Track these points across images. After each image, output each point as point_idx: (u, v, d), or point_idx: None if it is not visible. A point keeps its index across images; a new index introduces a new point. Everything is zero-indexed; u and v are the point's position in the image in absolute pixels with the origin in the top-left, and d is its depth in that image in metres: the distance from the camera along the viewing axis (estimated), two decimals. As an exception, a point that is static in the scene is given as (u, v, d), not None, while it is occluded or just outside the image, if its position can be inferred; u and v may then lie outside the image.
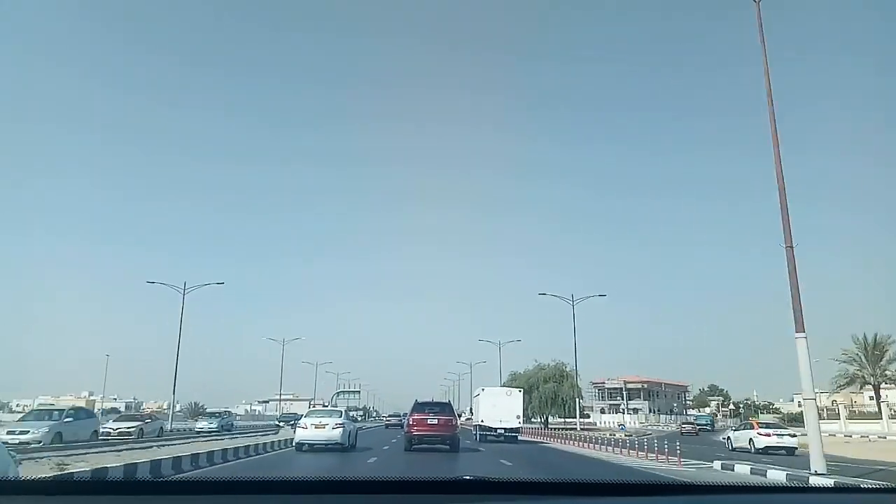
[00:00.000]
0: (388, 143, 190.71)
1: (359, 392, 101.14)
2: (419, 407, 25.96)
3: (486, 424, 34.07)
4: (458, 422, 27.76)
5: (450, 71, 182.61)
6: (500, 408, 34.17)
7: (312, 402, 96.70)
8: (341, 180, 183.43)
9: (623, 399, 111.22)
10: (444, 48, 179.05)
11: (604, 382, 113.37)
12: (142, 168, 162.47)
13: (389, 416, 74.60)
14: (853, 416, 57.69)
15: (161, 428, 36.06)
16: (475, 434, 35.97)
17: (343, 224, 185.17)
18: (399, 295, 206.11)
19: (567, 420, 70.08)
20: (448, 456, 22.52)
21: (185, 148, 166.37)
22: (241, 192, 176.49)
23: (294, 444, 24.26)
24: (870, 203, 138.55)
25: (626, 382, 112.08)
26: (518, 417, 34.61)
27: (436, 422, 24.58)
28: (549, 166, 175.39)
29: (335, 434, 23.29)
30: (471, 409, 59.24)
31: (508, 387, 46.36)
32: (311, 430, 23.70)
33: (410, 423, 25.18)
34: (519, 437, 35.18)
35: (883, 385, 58.61)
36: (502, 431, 33.95)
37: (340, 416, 25.37)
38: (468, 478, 2.53)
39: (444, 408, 26.87)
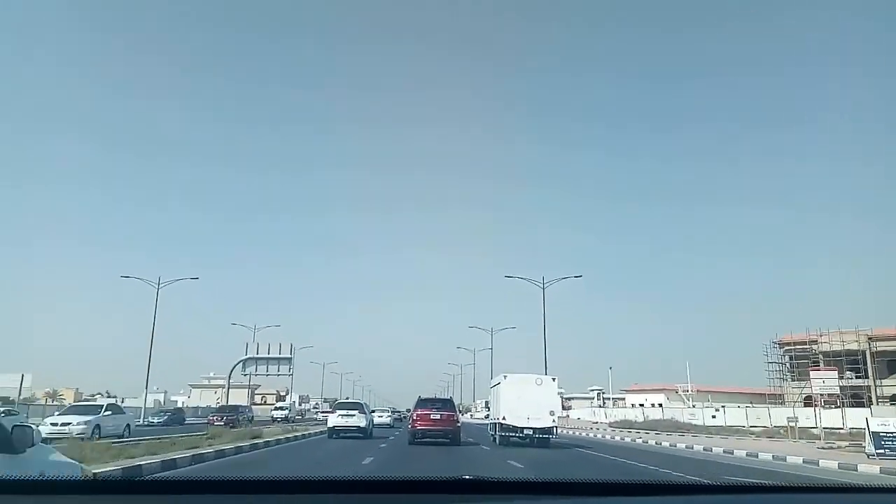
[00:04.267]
0: (386, 145, 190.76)
1: (289, 360, 46.33)
2: (422, 403, 27.17)
3: (509, 423, 26.23)
4: (459, 416, 28.59)
5: (449, 75, 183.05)
6: (527, 401, 26.01)
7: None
8: (337, 182, 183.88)
9: (869, 373, 59.60)
10: (440, 53, 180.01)
11: (813, 342, 61.69)
12: (136, 170, 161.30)
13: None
14: None
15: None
16: (494, 435, 28.37)
17: (331, 224, 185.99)
18: (394, 294, 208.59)
19: None
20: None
21: (179, 151, 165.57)
22: (240, 195, 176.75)
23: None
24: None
25: (871, 340, 59.21)
26: (552, 413, 26.50)
27: (438, 417, 25.83)
28: (546, 171, 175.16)
29: None
30: (486, 404, 50.46)
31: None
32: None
33: (414, 418, 26.45)
34: (552, 440, 27.07)
35: None
36: (530, 432, 25.97)
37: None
38: (468, 477, 2.53)
39: (447, 404, 28.10)
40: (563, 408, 67.07)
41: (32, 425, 5.25)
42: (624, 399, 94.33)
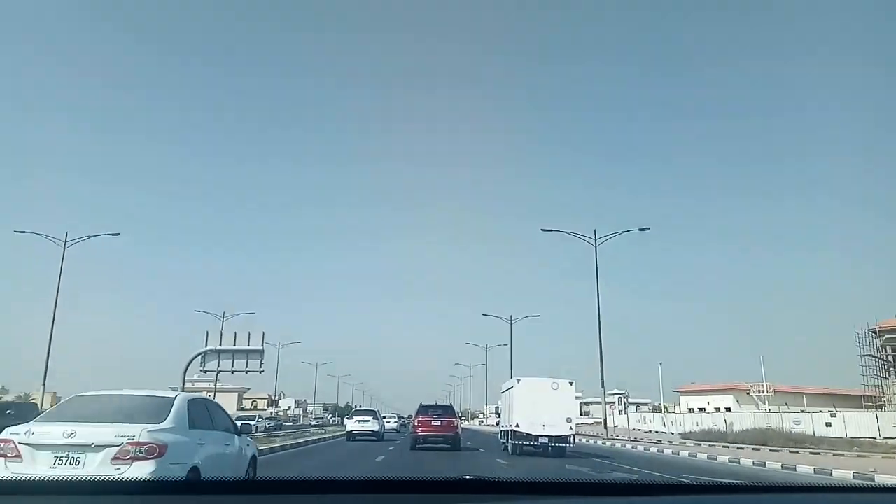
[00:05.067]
0: (388, 141, 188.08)
1: (260, 352, 29.95)
2: (424, 409, 27.77)
3: (523, 430, 24.32)
4: (459, 422, 29.31)
5: (454, 70, 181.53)
6: (542, 407, 24.23)
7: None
8: (340, 178, 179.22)
9: None
10: (443, 47, 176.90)
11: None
12: (143, 164, 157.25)
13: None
14: None
15: None
16: (505, 443, 26.42)
17: (335, 220, 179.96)
18: (400, 295, 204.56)
19: None
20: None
21: (184, 144, 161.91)
22: (242, 190, 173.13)
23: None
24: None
25: None
26: (569, 420, 24.55)
27: (439, 423, 26.54)
28: (550, 166, 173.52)
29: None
30: (497, 410, 47.36)
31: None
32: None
33: (416, 424, 27.15)
34: (568, 448, 25.14)
35: None
36: (546, 440, 24.15)
37: None
38: (468, 477, 2.54)
39: (447, 410, 28.94)
40: (581, 413, 63.00)
41: (250, 422, 10.56)
42: (651, 402, 78.76)
